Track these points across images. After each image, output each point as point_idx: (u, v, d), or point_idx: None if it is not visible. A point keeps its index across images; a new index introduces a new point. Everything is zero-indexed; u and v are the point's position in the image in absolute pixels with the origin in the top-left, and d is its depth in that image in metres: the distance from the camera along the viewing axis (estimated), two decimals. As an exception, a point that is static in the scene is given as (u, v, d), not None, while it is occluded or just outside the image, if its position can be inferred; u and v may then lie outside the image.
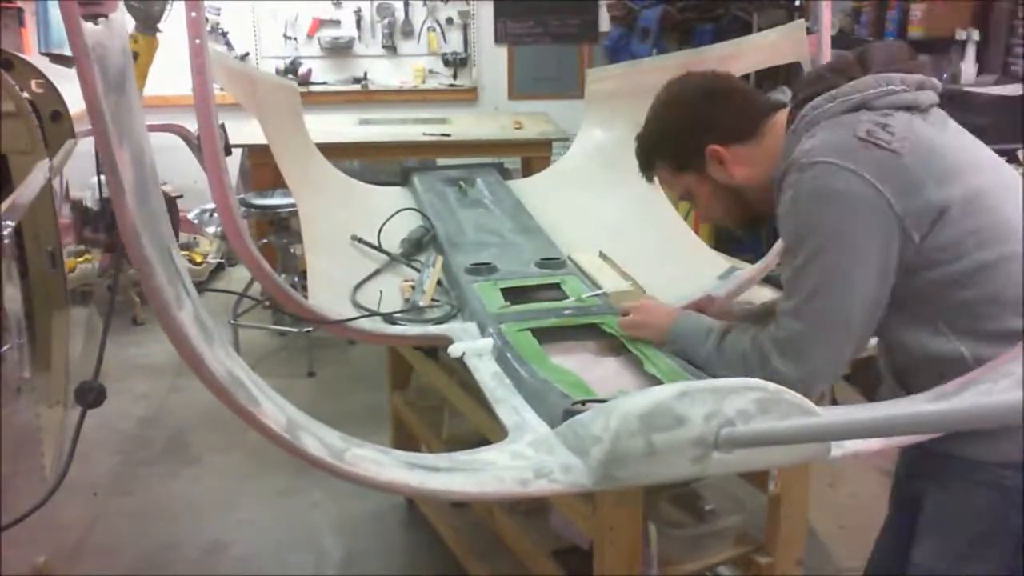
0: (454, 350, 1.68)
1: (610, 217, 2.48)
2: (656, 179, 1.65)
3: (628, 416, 1.04)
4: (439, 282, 2.07)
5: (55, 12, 4.74)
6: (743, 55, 2.33)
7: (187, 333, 0.86)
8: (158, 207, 0.85)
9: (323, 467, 0.94)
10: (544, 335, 1.70)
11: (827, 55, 1.90)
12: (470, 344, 1.68)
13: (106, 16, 0.80)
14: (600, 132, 2.74)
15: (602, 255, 2.17)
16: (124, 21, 0.82)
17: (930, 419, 0.87)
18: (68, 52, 4.66)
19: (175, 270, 0.87)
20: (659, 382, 1.49)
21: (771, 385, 1.07)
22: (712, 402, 1.03)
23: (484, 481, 1.06)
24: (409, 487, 1.00)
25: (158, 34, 3.98)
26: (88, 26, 0.77)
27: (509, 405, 1.42)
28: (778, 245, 2.07)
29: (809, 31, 1.96)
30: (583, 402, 1.32)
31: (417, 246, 2.31)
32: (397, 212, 2.42)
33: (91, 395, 1.35)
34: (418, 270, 2.18)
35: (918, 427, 0.90)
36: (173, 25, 4.00)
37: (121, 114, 0.81)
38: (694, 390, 1.04)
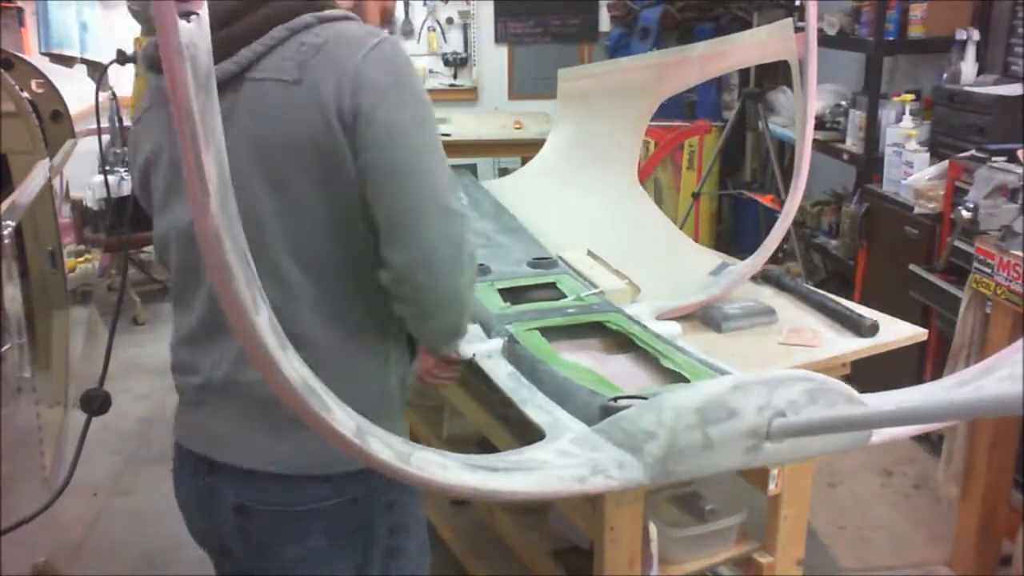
0: (464, 352, 1.68)
1: (592, 216, 2.46)
2: None
3: (683, 410, 1.05)
4: None
5: (55, 12, 4.75)
6: (729, 53, 2.32)
7: (264, 340, 0.85)
8: (234, 210, 0.84)
9: (391, 471, 0.94)
10: (549, 334, 1.70)
11: (814, 53, 1.89)
12: (479, 345, 1.67)
13: (198, 14, 0.79)
14: (576, 131, 2.71)
15: (590, 254, 2.17)
16: (207, 20, 0.80)
17: (975, 405, 0.86)
18: (68, 52, 4.67)
19: (252, 274, 0.86)
20: (681, 377, 1.49)
21: (817, 375, 1.08)
22: (764, 394, 1.04)
23: (542, 480, 1.07)
24: (473, 488, 1.00)
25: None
26: (181, 24, 0.75)
27: (535, 404, 1.42)
28: (770, 240, 2.07)
29: (799, 29, 1.95)
30: (616, 399, 1.32)
31: None
32: None
33: (96, 403, 1.36)
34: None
35: (964, 412, 0.90)
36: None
37: (207, 115, 0.80)
38: (746, 383, 1.05)
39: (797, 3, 4.46)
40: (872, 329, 1.87)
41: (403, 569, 1.38)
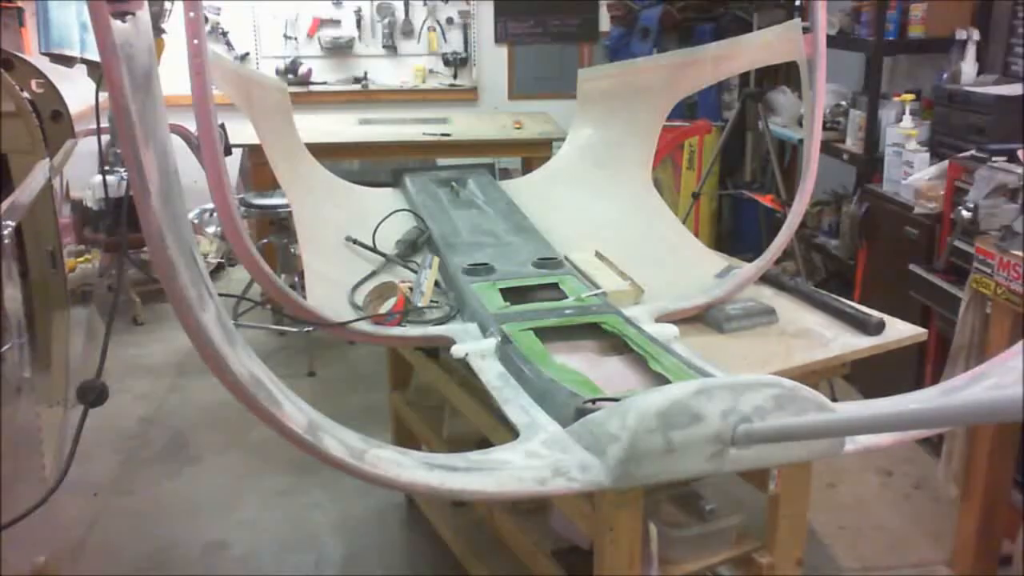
0: (457, 351, 1.68)
1: (604, 216, 2.47)
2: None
3: (646, 414, 1.04)
4: (436, 283, 2.07)
5: (55, 12, 4.74)
6: (739, 54, 2.32)
7: (211, 335, 0.85)
8: (180, 208, 0.84)
9: (344, 469, 0.94)
10: (546, 335, 1.70)
11: (823, 54, 1.89)
12: (473, 345, 1.68)
13: (134, 14, 0.79)
14: (593, 131, 2.73)
15: (598, 255, 2.17)
16: (150, 20, 0.81)
17: (943, 414, 0.86)
18: (68, 52, 4.66)
19: (198, 272, 0.86)
20: (665, 380, 1.48)
21: (787, 381, 1.07)
22: (729, 399, 1.03)
23: (503, 480, 1.06)
24: (430, 487, 0.99)
25: (163, 35, 3.97)
26: (116, 24, 0.76)
27: (517, 405, 1.42)
28: (776, 244, 2.07)
29: (806, 30, 1.96)
30: (593, 400, 1.32)
31: (412, 247, 2.31)
32: (392, 213, 2.42)
33: (93, 394, 1.35)
34: (414, 271, 2.18)
35: (931, 422, 0.89)
36: (172, 25, 4.02)
37: (147, 114, 0.80)
38: (711, 387, 1.04)
39: (797, 3, 4.46)
40: (879, 327, 1.87)
41: None
